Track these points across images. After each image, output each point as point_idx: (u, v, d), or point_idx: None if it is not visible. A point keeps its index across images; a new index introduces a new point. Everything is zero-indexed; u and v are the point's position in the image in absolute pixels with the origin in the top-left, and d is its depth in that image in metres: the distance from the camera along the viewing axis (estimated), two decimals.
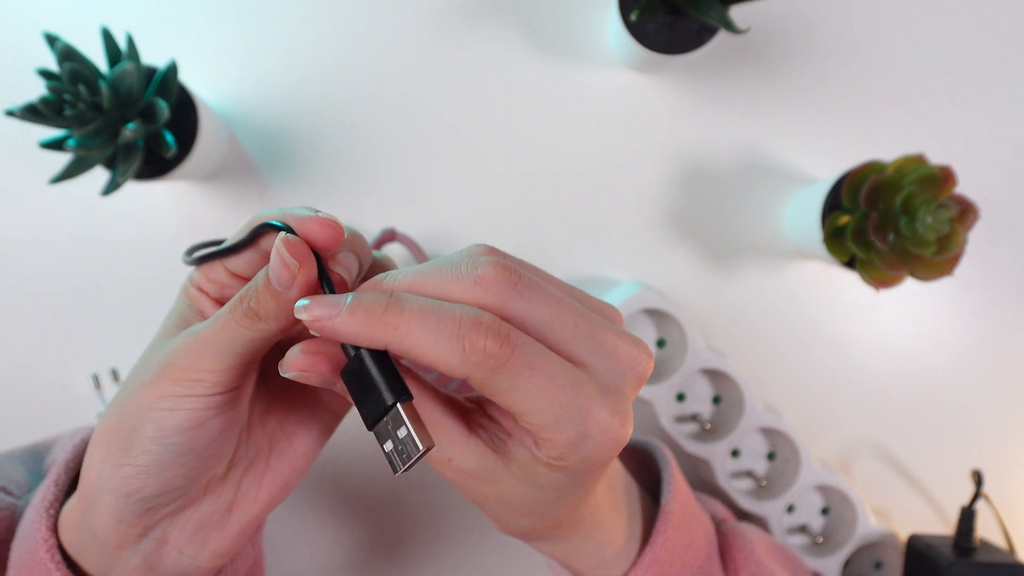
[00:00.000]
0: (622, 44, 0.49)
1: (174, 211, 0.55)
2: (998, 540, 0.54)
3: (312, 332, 0.24)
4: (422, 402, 0.26)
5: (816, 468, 0.52)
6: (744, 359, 0.55)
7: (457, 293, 0.24)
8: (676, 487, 0.38)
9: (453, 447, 0.25)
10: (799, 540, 0.55)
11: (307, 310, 0.23)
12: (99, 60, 0.47)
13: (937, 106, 0.54)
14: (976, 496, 0.51)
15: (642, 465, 0.44)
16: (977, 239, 0.53)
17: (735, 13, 0.50)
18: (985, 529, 0.53)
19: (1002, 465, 0.55)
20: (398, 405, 0.23)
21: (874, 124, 0.54)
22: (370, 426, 0.24)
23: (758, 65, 0.54)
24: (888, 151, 0.53)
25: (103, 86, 0.41)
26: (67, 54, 0.42)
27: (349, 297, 0.23)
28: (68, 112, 0.41)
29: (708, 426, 0.55)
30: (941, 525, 0.56)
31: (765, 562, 0.40)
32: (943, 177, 0.43)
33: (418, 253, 0.52)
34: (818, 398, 0.55)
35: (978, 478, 0.51)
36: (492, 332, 0.22)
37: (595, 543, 0.33)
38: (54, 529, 0.30)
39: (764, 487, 0.55)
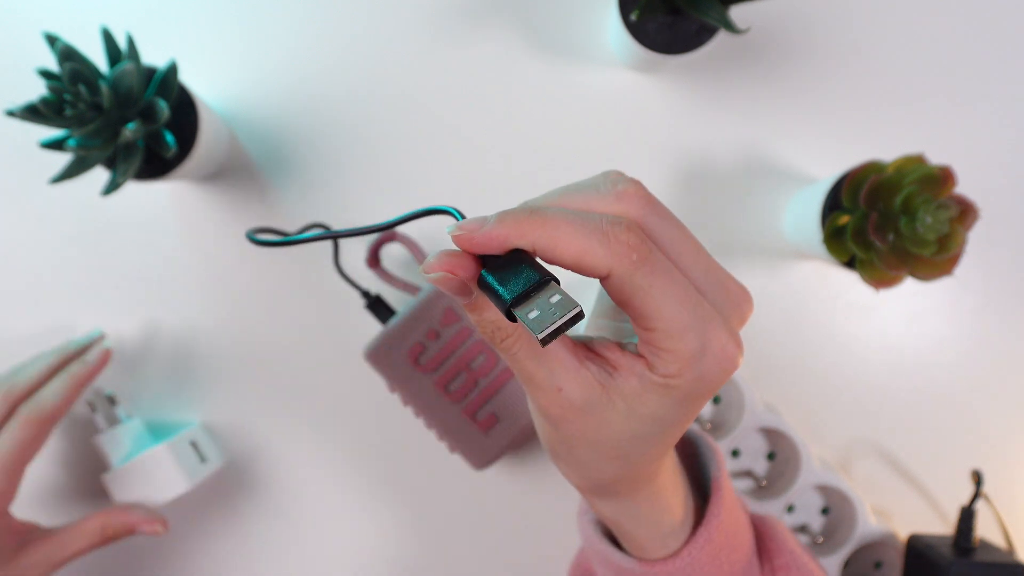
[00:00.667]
0: (622, 44, 0.49)
1: (174, 211, 0.55)
2: (998, 540, 0.54)
3: (455, 249, 0.24)
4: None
5: (816, 468, 0.52)
6: (744, 359, 0.55)
7: (601, 208, 0.25)
8: (723, 473, 0.38)
9: (565, 375, 0.26)
10: (799, 540, 0.56)
11: (458, 227, 0.24)
12: (99, 60, 0.47)
13: (937, 106, 0.54)
14: (976, 496, 0.51)
15: (679, 453, 0.44)
16: (977, 239, 0.53)
17: (735, 13, 0.50)
18: (985, 529, 0.53)
19: (1002, 465, 0.55)
20: (551, 281, 0.24)
21: (874, 124, 0.54)
22: (512, 304, 0.23)
23: (758, 65, 0.54)
24: (888, 151, 0.53)
25: (103, 86, 0.41)
26: (67, 54, 0.42)
27: (494, 215, 0.24)
28: (68, 112, 0.41)
29: (708, 426, 0.55)
30: (941, 525, 0.56)
31: (798, 552, 0.41)
32: (943, 177, 0.43)
33: (418, 253, 0.52)
34: (818, 398, 0.55)
35: (978, 478, 0.51)
36: (633, 230, 0.23)
37: (659, 508, 0.33)
38: None
39: (764, 487, 0.55)
